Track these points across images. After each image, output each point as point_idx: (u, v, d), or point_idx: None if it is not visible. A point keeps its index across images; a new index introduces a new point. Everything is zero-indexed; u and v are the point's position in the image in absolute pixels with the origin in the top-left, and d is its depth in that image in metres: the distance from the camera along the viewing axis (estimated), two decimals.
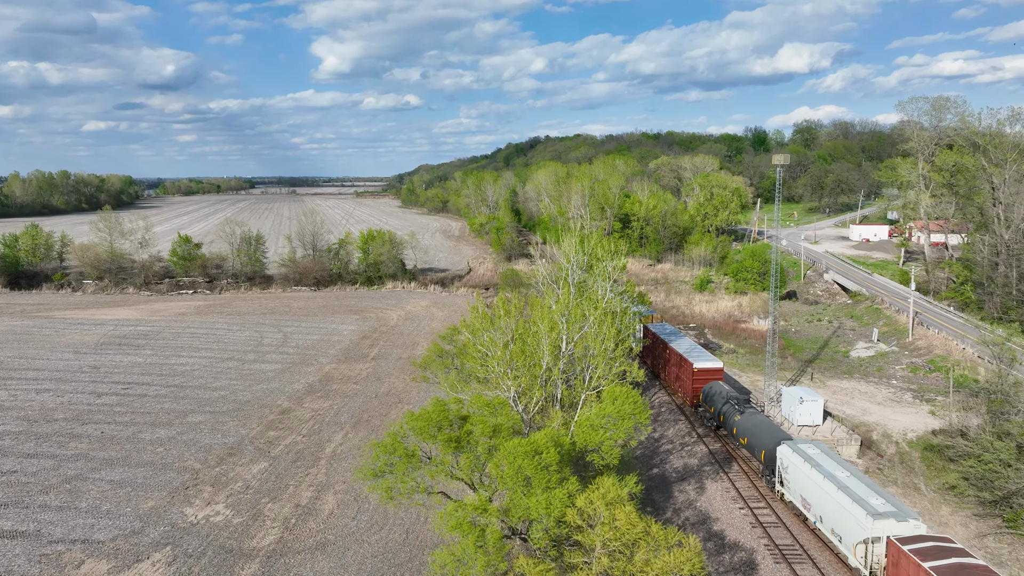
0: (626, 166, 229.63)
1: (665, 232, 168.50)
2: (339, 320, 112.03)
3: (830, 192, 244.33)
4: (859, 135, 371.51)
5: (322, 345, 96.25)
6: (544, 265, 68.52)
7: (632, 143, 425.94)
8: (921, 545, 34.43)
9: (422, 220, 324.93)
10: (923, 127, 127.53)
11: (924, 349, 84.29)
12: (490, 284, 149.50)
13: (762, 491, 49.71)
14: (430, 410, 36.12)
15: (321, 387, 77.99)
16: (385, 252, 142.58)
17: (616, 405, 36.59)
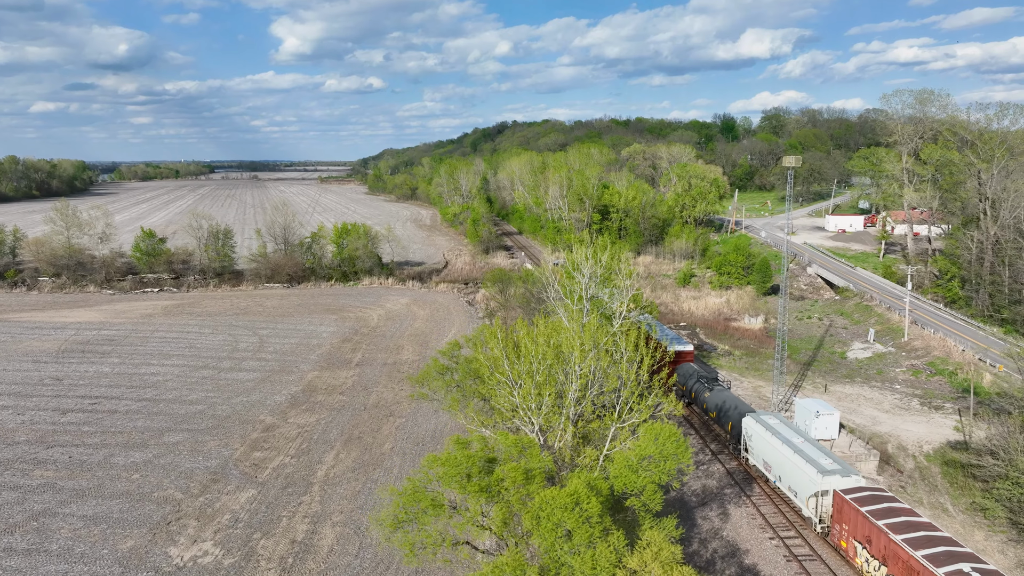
0: (601, 155, 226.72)
1: (645, 224, 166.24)
2: (317, 321, 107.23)
3: (803, 181, 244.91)
4: (826, 122, 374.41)
5: (301, 350, 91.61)
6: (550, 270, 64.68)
7: (602, 129, 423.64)
8: (860, 494, 42.56)
9: (391, 208, 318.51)
10: (907, 120, 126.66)
11: (922, 350, 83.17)
12: (469, 279, 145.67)
13: (790, 518, 47.31)
14: (457, 455, 32.54)
15: (305, 398, 73.67)
16: (361, 247, 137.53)
17: (658, 445, 33.47)
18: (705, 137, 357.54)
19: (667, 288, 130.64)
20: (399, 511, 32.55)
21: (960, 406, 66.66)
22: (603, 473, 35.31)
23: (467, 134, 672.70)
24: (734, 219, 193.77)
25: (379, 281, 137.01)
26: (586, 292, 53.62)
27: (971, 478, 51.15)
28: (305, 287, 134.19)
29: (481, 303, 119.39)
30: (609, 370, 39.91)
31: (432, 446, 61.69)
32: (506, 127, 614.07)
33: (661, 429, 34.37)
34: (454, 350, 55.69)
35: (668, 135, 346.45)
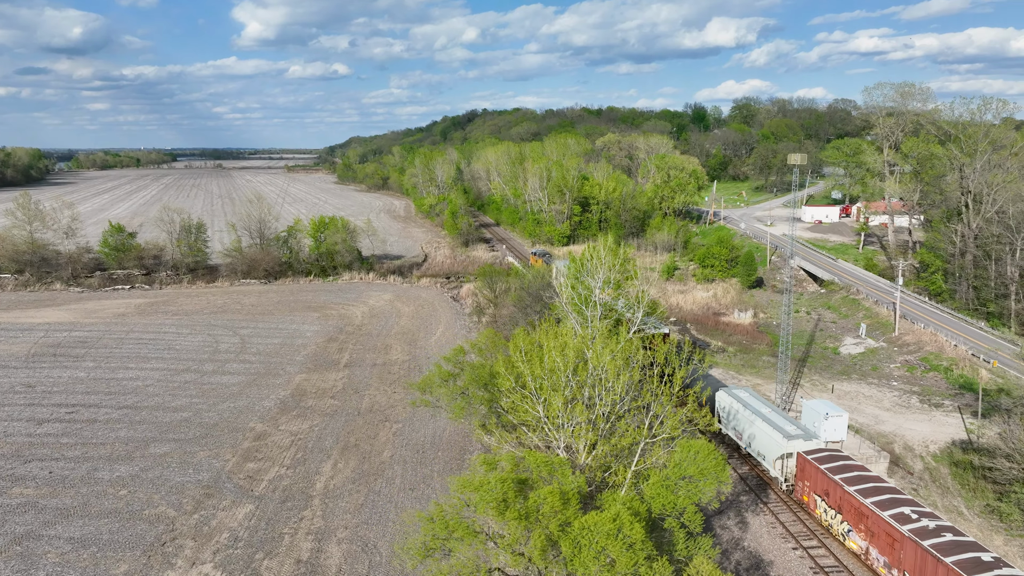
0: (578, 145, 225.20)
1: (626, 216, 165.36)
2: (299, 319, 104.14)
3: (777, 171, 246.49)
4: (796, 112, 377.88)
5: (286, 350, 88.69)
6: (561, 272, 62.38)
7: (574, 118, 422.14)
8: (819, 455, 48.62)
9: (363, 198, 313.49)
10: (889, 113, 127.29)
11: (914, 345, 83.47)
12: (451, 273, 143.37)
13: (809, 525, 46.52)
14: (491, 480, 30.71)
15: (295, 403, 71.07)
16: (340, 241, 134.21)
17: (697, 463, 32.06)
18: (677, 127, 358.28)
19: (652, 282, 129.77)
20: (429, 538, 30.69)
21: (959, 403, 66.80)
22: (636, 492, 33.81)
23: (436, 122, 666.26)
24: (712, 210, 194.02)
25: (359, 276, 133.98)
26: (599, 297, 51.81)
27: (983, 480, 50.97)
28: (283, 283, 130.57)
29: (466, 299, 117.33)
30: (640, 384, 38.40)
31: (433, 453, 59.80)
32: (476, 115, 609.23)
33: (699, 447, 32.97)
34: (458, 356, 53.77)
35: (641, 124, 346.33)
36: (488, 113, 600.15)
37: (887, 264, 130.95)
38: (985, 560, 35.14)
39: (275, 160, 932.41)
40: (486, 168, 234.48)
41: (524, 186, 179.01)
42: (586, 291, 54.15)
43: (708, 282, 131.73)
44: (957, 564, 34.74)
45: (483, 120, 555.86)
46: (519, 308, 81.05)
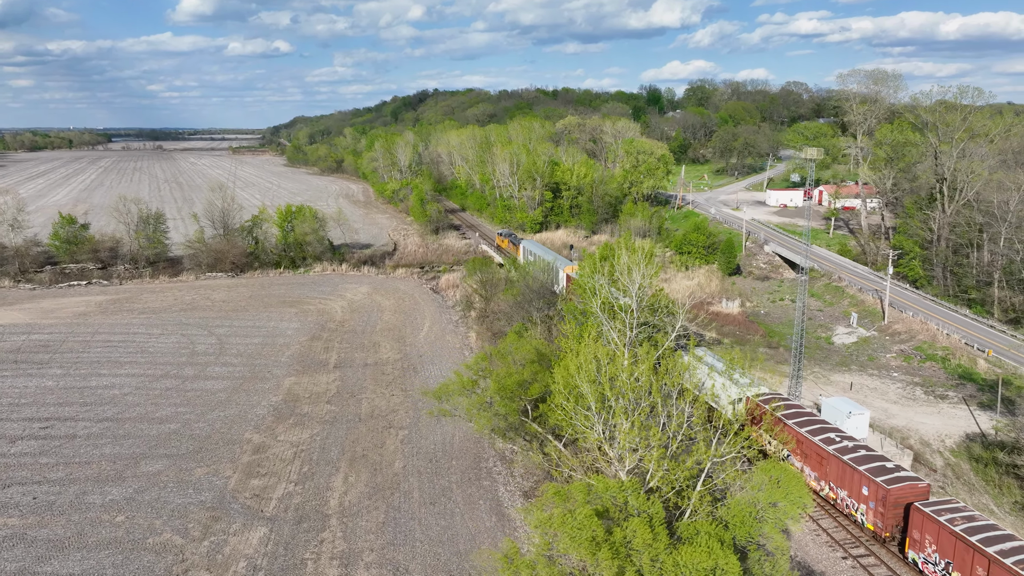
0: (543, 129, 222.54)
1: (599, 202, 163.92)
2: (276, 316, 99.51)
3: (738, 155, 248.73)
4: (749, 94, 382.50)
5: (268, 351, 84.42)
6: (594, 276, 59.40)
7: (530, 100, 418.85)
8: (764, 397, 56.15)
9: (317, 182, 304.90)
10: (862, 100, 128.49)
11: (905, 334, 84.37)
12: (424, 262, 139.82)
13: (851, 531, 45.85)
14: (578, 517, 28.45)
15: (289, 410, 67.40)
16: (310, 231, 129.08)
17: (782, 489, 30.47)
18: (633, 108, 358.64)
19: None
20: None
21: (963, 395, 67.49)
22: (716, 518, 32.08)
23: (386, 102, 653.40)
24: (681, 195, 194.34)
25: (332, 268, 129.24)
26: (637, 308, 49.56)
27: (1008, 476, 51.24)
28: (252, 276, 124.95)
29: (447, 291, 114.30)
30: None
31: (446, 462, 57.25)
32: (427, 95, 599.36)
33: (781, 470, 31.37)
34: (482, 363, 51.17)
35: (599, 107, 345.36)
36: (440, 93, 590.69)
37: (860, 250, 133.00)
38: (888, 467, 45.10)
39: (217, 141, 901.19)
40: (448, 152, 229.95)
41: (493, 171, 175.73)
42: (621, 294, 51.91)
43: (686, 269, 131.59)
44: (869, 471, 44.56)
45: (435, 101, 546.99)
46: (518, 305, 78.68)
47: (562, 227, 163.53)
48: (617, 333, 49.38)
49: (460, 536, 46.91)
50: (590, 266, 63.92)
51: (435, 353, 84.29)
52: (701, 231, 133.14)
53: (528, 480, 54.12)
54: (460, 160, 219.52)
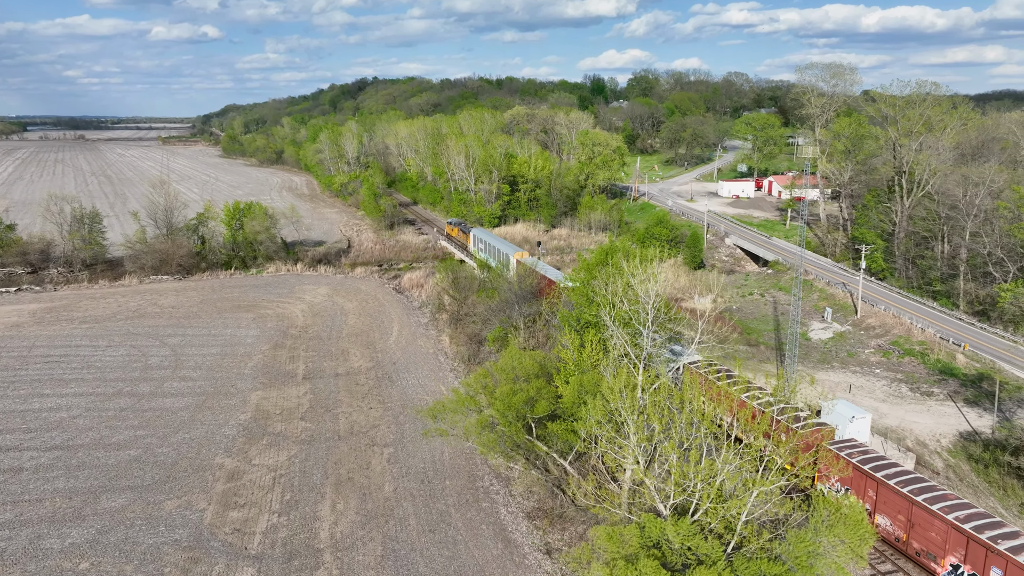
0: (494, 120, 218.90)
1: (557, 195, 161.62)
2: (232, 322, 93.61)
3: (687, 145, 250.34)
4: (693, 84, 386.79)
5: (230, 362, 78.96)
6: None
7: (474, 89, 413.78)
8: (696, 363, 62.51)
9: (257, 175, 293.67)
10: (821, 93, 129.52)
11: (880, 328, 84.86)
12: (383, 260, 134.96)
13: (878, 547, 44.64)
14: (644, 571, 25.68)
15: (261, 429, 62.72)
16: (262, 229, 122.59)
17: (849, 528, 28.40)
18: (579, 99, 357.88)
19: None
20: None
21: (947, 391, 67.81)
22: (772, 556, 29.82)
23: (323, 90, 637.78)
24: (636, 187, 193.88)
25: (286, 268, 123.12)
26: (651, 324, 46.85)
27: (1011, 477, 51.13)
28: (200, 279, 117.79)
29: (412, 290, 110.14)
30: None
31: (439, 482, 53.88)
32: (366, 83, 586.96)
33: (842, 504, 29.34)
34: (483, 380, 47.92)
35: (545, 96, 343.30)
36: (380, 82, 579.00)
37: (818, 241, 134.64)
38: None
39: (144, 130, 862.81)
40: (396, 143, 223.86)
41: (447, 164, 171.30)
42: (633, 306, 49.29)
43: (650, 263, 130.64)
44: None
45: (375, 89, 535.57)
46: (497, 308, 75.52)
47: (520, 221, 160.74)
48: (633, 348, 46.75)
49: (468, 568, 43.77)
50: (585, 271, 61.33)
51: (409, 360, 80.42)
52: (664, 224, 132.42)
53: (529, 499, 51.31)
54: (410, 152, 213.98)
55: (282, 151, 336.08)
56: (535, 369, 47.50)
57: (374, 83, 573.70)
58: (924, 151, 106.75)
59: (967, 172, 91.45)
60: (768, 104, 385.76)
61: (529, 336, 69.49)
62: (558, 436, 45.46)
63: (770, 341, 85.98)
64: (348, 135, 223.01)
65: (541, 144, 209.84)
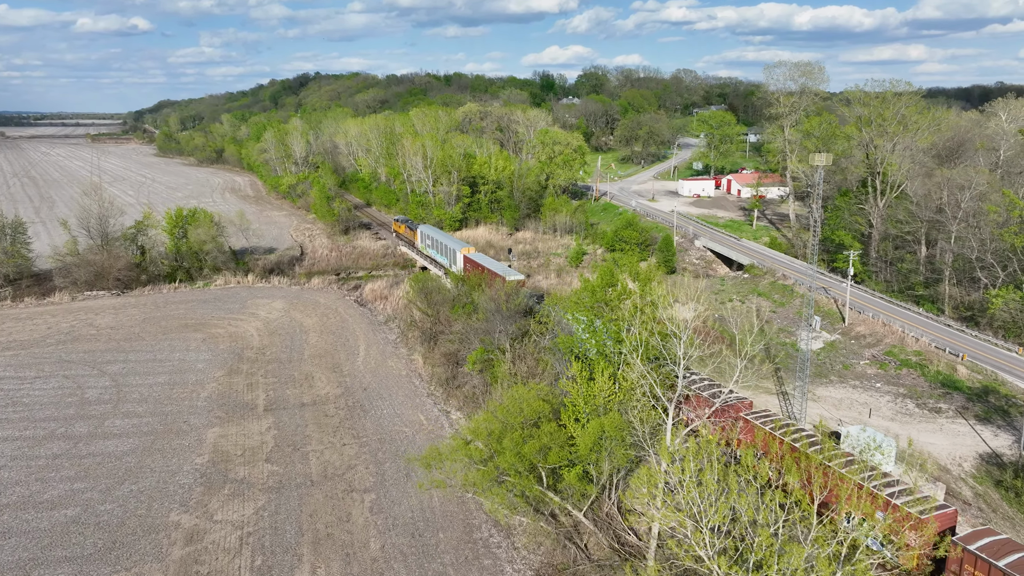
0: (449, 118, 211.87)
1: (520, 197, 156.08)
2: (180, 344, 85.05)
3: (643, 143, 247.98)
4: (643, 81, 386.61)
5: (180, 393, 70.88)
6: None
7: (422, 85, 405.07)
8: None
9: (197, 175, 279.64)
10: (790, 92, 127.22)
11: (871, 337, 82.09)
12: (340, 268, 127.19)
13: None
14: None
15: (221, 475, 55.37)
16: (208, 238, 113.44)
17: None
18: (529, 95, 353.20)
19: (567, 270, 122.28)
20: None
21: (955, 406, 64.97)
22: None
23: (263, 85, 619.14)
24: (597, 186, 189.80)
25: (236, 279, 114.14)
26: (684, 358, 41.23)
27: None
28: (141, 294, 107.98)
29: (375, 303, 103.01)
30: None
31: (432, 535, 47.72)
32: (308, 79, 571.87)
33: None
34: (487, 425, 41.99)
35: (496, 93, 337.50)
36: (323, 77, 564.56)
37: (788, 243, 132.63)
38: None
39: (71, 127, 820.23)
40: (346, 142, 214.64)
41: (403, 165, 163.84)
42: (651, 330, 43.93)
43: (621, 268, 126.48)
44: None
45: (318, 85, 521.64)
46: (480, 329, 69.46)
47: (482, 224, 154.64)
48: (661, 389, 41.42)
49: None
50: (589, 294, 55.93)
51: (381, 384, 73.74)
52: (634, 227, 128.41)
53: (536, 553, 45.63)
54: (362, 151, 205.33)
55: (222, 150, 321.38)
56: (545, 410, 41.85)
57: (316, 78, 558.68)
58: (898, 151, 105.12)
59: (951, 175, 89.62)
60: (717, 101, 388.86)
61: (517, 359, 63.78)
62: (573, 485, 39.90)
63: (760, 352, 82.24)
64: (295, 134, 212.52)
65: (498, 143, 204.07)
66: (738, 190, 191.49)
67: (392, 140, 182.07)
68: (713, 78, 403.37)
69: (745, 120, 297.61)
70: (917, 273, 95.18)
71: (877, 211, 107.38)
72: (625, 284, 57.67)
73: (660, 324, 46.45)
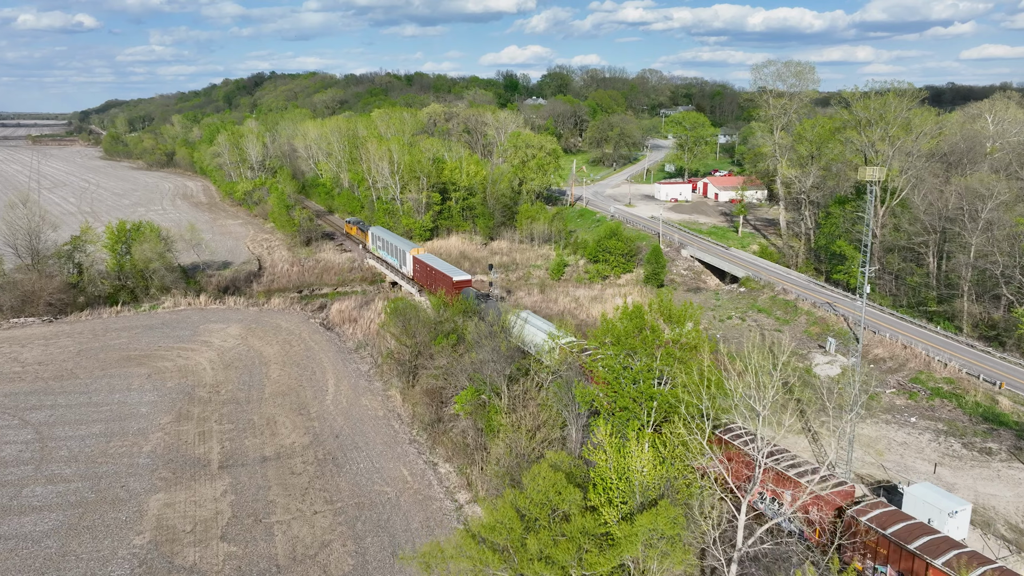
0: (415, 120, 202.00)
1: (494, 204, 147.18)
2: (120, 383, 74.17)
3: (614, 144, 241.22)
4: (609, 81, 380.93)
5: (116, 447, 60.40)
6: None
7: (383, 85, 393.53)
8: (568, 343, 62.24)
9: (146, 180, 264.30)
10: (779, 94, 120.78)
11: (892, 361, 75.39)
12: (302, 285, 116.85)
13: None
14: None
15: (164, 562, 45.43)
16: (155, 256, 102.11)
17: None
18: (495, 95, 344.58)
19: (551, 286, 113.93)
20: None
21: (1007, 446, 58.28)
22: None
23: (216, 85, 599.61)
24: (573, 191, 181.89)
25: (187, 300, 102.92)
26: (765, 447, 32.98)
27: None
28: (77, 320, 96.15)
29: (343, 326, 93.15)
30: None
31: None
32: (264, 78, 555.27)
33: None
34: (507, 520, 33.14)
35: (460, 93, 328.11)
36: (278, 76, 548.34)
37: (778, 251, 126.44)
38: None
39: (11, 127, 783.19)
40: (305, 145, 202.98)
41: (368, 170, 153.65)
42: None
43: (603, 279, 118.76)
44: None
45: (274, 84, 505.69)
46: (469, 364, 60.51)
47: (454, 233, 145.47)
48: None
49: None
50: (614, 341, 47.44)
51: (355, 429, 64.27)
52: (619, 237, 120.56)
53: None
54: (322, 155, 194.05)
55: (173, 152, 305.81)
56: (578, 499, 33.17)
57: (272, 78, 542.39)
58: (900, 156, 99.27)
59: (968, 182, 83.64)
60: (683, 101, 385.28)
61: (517, 405, 55.00)
62: None
63: (775, 381, 74.81)
64: (250, 136, 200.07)
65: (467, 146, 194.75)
66: (715, 193, 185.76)
67: (355, 144, 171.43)
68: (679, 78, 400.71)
69: (713, 121, 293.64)
70: (929, 287, 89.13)
71: (878, 219, 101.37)
72: (657, 327, 49.36)
73: (721, 386, 38.39)
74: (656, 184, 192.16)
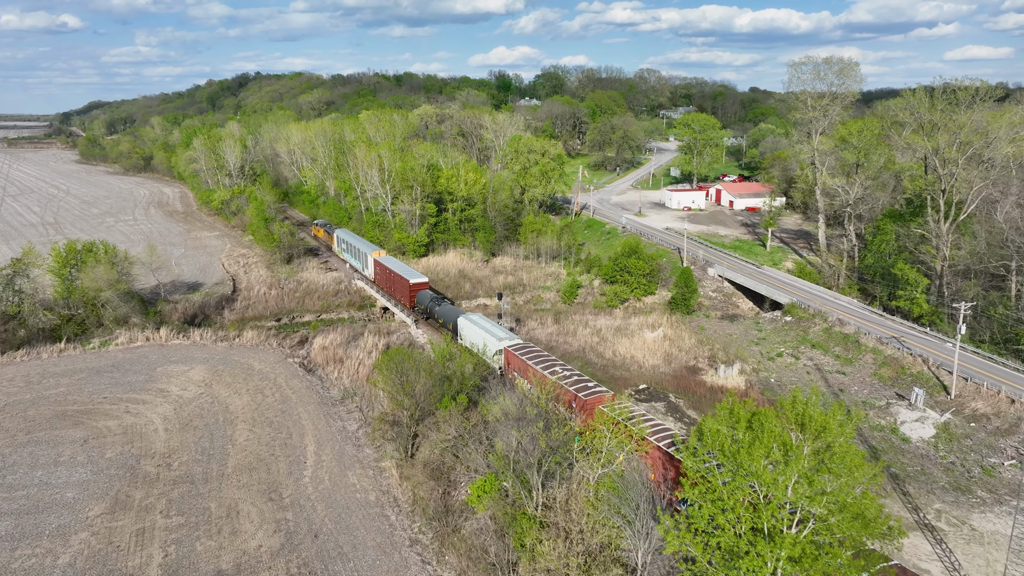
0: (406, 123, 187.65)
1: (496, 216, 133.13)
2: (46, 450, 59.62)
3: (617, 148, 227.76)
4: (605, 81, 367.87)
5: (21, 559, 45.96)
6: None
7: (371, 86, 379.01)
8: (516, 346, 69.37)
9: (120, 185, 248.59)
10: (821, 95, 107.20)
11: (997, 419, 61.98)
12: (281, 312, 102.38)
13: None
14: None
15: None
16: (107, 283, 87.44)
17: None
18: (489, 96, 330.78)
19: (563, 311, 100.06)
20: None
21: None
22: None
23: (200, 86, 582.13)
24: (579, 201, 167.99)
25: (145, 335, 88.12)
26: None
27: None
28: (11, 361, 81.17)
29: (326, 367, 78.83)
30: None
31: None
32: (248, 79, 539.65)
33: None
34: None
35: (452, 94, 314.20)
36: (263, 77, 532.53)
37: (814, 269, 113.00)
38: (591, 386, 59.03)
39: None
40: (288, 150, 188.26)
41: (356, 178, 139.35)
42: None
43: (622, 302, 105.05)
44: (568, 383, 58.68)
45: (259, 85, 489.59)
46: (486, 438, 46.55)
47: (452, 248, 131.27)
48: None
49: None
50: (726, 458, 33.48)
51: (340, 524, 50.09)
52: (639, 255, 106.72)
53: None
54: (306, 161, 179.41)
55: (151, 156, 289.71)
56: None
57: (257, 78, 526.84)
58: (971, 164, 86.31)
59: None
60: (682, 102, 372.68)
61: (559, 508, 40.94)
62: None
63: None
64: (229, 140, 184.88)
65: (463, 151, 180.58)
66: (730, 201, 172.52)
67: (342, 149, 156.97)
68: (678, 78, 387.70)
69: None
70: (1021, 322, 75.86)
71: (943, 238, 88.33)
72: (788, 439, 35.19)
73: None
74: (665, 190, 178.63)
